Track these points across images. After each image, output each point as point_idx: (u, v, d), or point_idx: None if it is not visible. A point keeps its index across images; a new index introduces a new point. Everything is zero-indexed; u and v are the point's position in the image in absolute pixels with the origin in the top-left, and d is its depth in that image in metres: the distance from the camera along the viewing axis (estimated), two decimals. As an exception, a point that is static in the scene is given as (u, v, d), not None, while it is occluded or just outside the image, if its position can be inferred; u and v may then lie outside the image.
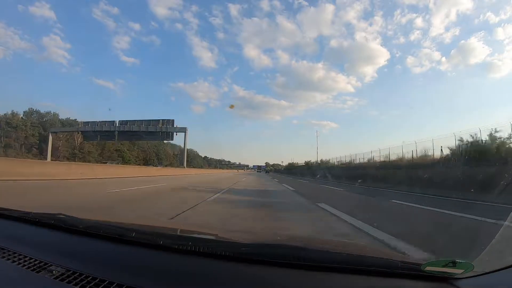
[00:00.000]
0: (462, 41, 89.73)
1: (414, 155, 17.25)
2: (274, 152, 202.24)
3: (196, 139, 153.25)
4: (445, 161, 13.56)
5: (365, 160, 24.82)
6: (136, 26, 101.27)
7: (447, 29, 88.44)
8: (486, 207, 6.04)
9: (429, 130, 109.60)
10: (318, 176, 28.27)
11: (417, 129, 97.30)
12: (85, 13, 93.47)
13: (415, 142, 17.33)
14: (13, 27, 78.78)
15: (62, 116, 59.09)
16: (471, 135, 12.88)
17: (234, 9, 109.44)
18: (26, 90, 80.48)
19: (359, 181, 16.21)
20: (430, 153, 15.97)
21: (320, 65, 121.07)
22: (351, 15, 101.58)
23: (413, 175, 12.55)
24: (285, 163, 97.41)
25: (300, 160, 76.96)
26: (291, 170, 59.13)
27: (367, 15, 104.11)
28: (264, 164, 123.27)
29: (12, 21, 77.67)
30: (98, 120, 42.52)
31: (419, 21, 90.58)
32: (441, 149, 14.72)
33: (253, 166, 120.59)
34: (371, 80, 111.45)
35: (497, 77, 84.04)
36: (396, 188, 11.77)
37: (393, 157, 19.64)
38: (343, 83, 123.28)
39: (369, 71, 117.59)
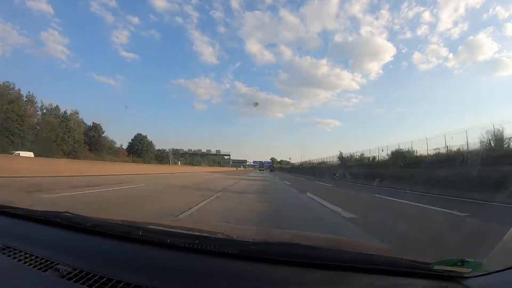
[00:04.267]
0: (470, 37, 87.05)
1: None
2: (278, 150, 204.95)
3: (196, 135, 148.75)
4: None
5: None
6: (135, 20, 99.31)
7: (455, 24, 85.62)
8: None
9: (434, 129, 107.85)
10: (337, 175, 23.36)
11: (422, 128, 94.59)
12: (83, 7, 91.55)
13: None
14: (10, 22, 76.41)
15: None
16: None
17: (235, 2, 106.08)
18: (26, 87, 69.65)
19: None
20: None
21: (324, 61, 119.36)
22: (357, 8, 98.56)
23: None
24: (293, 161, 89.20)
25: (306, 158, 72.28)
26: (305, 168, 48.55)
27: (373, 9, 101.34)
28: (270, 160, 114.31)
29: (9, 15, 75.50)
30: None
31: (426, 15, 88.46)
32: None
33: (254, 162, 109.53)
34: (376, 77, 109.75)
35: (505, 75, 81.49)
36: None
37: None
38: (348, 79, 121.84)
39: (374, 67, 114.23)
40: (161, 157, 62.62)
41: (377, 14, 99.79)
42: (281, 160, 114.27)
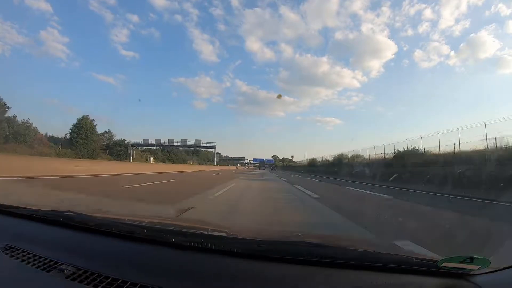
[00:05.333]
0: (472, 34, 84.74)
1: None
2: (280, 149, 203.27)
3: (196, 134, 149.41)
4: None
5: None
6: (135, 18, 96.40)
7: (457, 21, 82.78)
8: None
9: (435, 127, 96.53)
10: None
11: (423, 126, 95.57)
12: (82, 5, 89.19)
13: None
14: (9, 21, 72.43)
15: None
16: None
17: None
18: (26, 87, 73.99)
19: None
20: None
21: (324, 59, 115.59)
22: (357, 5, 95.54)
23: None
24: (296, 159, 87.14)
25: (309, 156, 66.28)
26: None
27: (374, 6, 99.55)
28: (271, 158, 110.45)
29: (8, 14, 71.29)
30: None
31: (428, 12, 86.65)
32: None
33: (254, 160, 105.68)
34: (378, 75, 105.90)
35: (507, 73, 78.30)
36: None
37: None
38: (349, 77, 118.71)
39: (375, 65, 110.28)
40: (119, 151, 45.16)
41: (378, 11, 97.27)
42: (283, 158, 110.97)
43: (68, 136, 40.55)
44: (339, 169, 23.98)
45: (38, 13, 76.58)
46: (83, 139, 37.23)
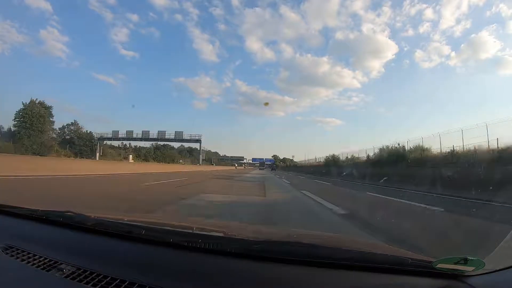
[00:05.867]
0: (473, 35, 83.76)
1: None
2: (280, 149, 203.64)
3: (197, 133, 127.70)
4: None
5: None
6: (134, 17, 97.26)
7: (458, 21, 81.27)
8: None
9: (436, 128, 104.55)
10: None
11: (423, 126, 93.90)
12: (82, 4, 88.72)
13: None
14: (9, 20, 68.57)
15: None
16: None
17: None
18: (26, 86, 71.23)
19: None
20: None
21: (325, 59, 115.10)
22: (358, 5, 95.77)
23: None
24: (296, 159, 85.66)
25: (310, 156, 57.92)
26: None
27: (375, 5, 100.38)
28: (272, 158, 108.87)
29: (8, 13, 69.44)
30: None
31: (429, 12, 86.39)
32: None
33: (253, 159, 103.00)
34: (378, 75, 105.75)
35: (508, 73, 76.23)
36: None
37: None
38: (349, 78, 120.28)
39: (376, 65, 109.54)
40: (81, 146, 37.15)
41: (378, 11, 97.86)
42: (284, 158, 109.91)
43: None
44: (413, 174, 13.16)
45: (38, 12, 77.20)
46: (26, 129, 29.00)
